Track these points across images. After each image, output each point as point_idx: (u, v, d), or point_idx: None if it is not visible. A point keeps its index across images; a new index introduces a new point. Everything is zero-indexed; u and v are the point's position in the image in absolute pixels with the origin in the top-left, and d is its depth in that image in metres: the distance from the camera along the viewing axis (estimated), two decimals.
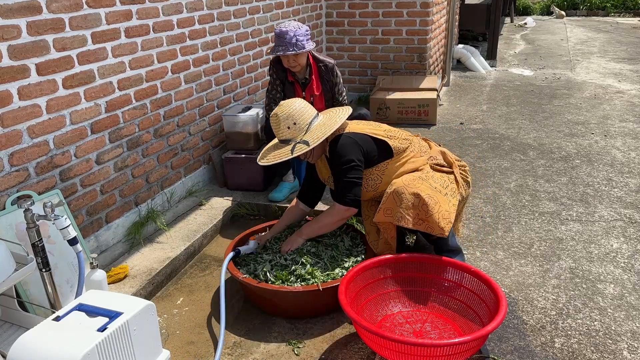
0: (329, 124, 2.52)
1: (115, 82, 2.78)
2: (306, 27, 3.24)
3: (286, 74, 3.41)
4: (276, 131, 2.54)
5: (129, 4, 2.82)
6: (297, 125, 2.49)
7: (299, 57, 3.25)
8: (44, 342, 1.61)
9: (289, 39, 3.16)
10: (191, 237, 3.05)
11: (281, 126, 2.49)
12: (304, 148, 2.45)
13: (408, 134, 2.71)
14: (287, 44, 3.17)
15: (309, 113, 2.54)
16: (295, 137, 2.50)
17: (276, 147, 2.56)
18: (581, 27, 12.55)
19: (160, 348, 1.88)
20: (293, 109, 2.50)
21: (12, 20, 2.19)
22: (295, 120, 2.48)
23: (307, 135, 2.49)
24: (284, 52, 3.18)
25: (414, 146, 2.64)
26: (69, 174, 2.57)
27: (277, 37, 3.20)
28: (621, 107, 5.70)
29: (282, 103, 2.55)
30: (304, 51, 3.20)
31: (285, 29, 3.17)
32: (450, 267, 2.39)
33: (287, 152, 2.47)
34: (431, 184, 2.44)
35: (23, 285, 2.20)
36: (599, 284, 2.61)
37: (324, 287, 2.33)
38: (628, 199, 3.52)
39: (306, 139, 2.47)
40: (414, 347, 1.91)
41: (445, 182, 2.52)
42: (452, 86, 6.82)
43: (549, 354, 2.16)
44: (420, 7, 5.33)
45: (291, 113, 2.49)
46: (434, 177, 2.51)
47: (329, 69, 3.42)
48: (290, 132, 2.50)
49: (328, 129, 2.48)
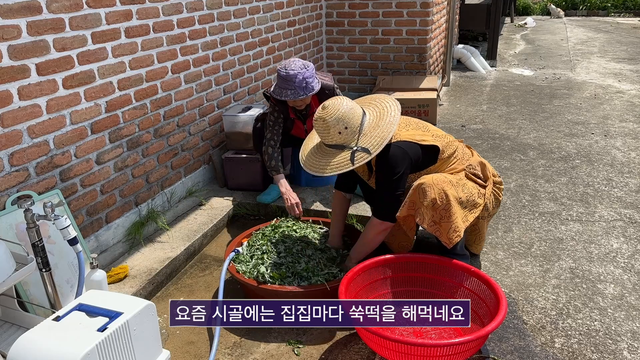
0: (383, 125, 2.31)
1: (116, 82, 2.78)
2: (312, 66, 3.06)
3: (288, 111, 3.27)
4: (323, 136, 2.34)
5: (129, 4, 2.82)
6: (349, 129, 2.28)
7: (307, 98, 3.09)
8: (44, 342, 1.61)
9: (298, 82, 2.95)
10: (191, 237, 3.05)
11: (331, 132, 2.29)
12: (365, 157, 2.26)
13: (452, 138, 2.58)
14: (297, 88, 2.96)
15: (357, 112, 2.33)
16: (348, 142, 2.30)
17: (323, 153, 2.36)
18: (581, 27, 12.55)
19: (160, 348, 1.88)
20: (342, 112, 2.28)
21: (12, 20, 2.19)
22: (346, 124, 2.28)
23: (362, 139, 2.29)
24: (294, 98, 2.98)
25: (458, 152, 2.53)
26: (69, 174, 2.57)
27: (284, 80, 2.99)
28: (621, 107, 5.70)
29: (326, 105, 2.32)
30: (314, 93, 3.04)
31: (293, 72, 2.95)
32: (450, 268, 2.39)
33: (346, 162, 2.27)
34: (457, 193, 2.34)
35: (23, 285, 2.19)
36: (599, 284, 2.61)
37: (331, 285, 2.34)
38: (628, 199, 3.52)
39: (365, 146, 2.27)
40: (414, 347, 1.92)
41: (473, 194, 2.40)
42: (452, 86, 6.82)
43: (549, 354, 2.16)
44: (420, 7, 5.33)
45: (341, 117, 2.27)
46: (465, 185, 2.41)
47: (328, 94, 3.17)
48: (342, 137, 2.30)
49: (385, 131, 2.28)
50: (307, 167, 2.38)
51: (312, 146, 2.46)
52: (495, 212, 2.61)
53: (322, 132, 2.33)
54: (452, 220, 2.30)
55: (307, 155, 2.44)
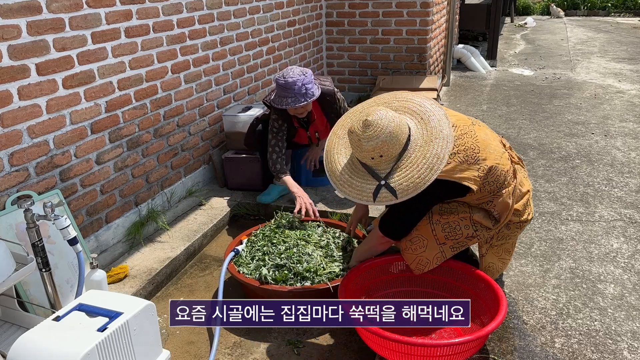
0: (425, 166, 1.95)
1: (115, 82, 2.78)
2: (310, 72, 3.01)
3: (291, 120, 3.25)
4: (355, 152, 2.02)
5: (129, 4, 2.81)
6: (384, 157, 1.96)
7: (308, 104, 3.06)
8: (44, 342, 1.61)
9: (297, 89, 2.92)
10: (191, 237, 3.05)
11: (364, 153, 1.97)
12: (389, 198, 1.95)
13: (507, 166, 2.19)
14: (297, 95, 2.93)
15: (401, 139, 1.95)
16: (379, 169, 1.99)
17: (354, 170, 2.05)
18: (581, 27, 12.54)
19: (160, 348, 1.88)
20: (382, 139, 1.92)
21: (12, 20, 2.19)
22: (382, 152, 1.94)
23: (395, 174, 1.96)
24: (294, 105, 2.94)
25: (504, 192, 2.18)
26: (69, 174, 2.57)
27: (283, 88, 2.95)
28: (621, 107, 5.70)
29: (369, 122, 1.92)
30: (314, 99, 3.01)
31: (292, 79, 2.92)
32: (450, 268, 2.39)
33: (369, 196, 1.98)
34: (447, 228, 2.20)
35: (23, 285, 2.19)
36: (599, 284, 2.61)
37: (333, 285, 2.34)
38: (628, 199, 3.52)
39: (393, 185, 1.94)
40: (414, 347, 1.92)
41: (459, 237, 2.23)
42: (452, 86, 6.82)
43: (549, 354, 2.16)
44: (420, 7, 5.33)
45: (379, 144, 1.92)
46: (454, 228, 2.22)
47: (330, 101, 3.17)
48: (374, 163, 1.98)
49: (422, 178, 1.93)
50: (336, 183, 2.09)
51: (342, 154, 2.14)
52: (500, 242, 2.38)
53: (355, 148, 2.00)
54: (418, 253, 2.26)
55: (335, 163, 2.13)
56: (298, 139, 3.45)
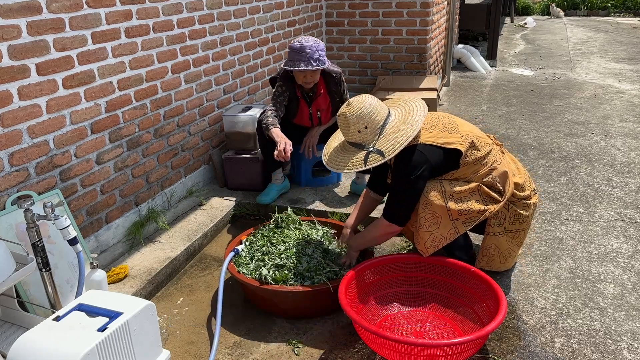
0: (405, 129, 2.27)
1: (115, 82, 2.79)
2: (323, 43, 3.16)
3: (295, 89, 3.31)
4: (345, 133, 2.36)
5: (129, 4, 2.82)
6: (369, 129, 2.28)
7: (317, 72, 3.16)
8: (44, 342, 1.61)
9: (311, 53, 3.03)
10: (191, 237, 3.05)
11: (351, 129, 2.30)
12: (378, 159, 2.24)
13: (488, 140, 2.46)
14: (310, 59, 3.04)
15: (381, 114, 2.31)
16: (366, 142, 2.30)
17: (345, 150, 2.37)
18: (581, 27, 12.54)
19: (160, 348, 1.88)
20: (364, 111, 2.27)
21: (12, 20, 2.19)
22: (366, 123, 2.27)
23: (380, 141, 2.28)
24: (306, 67, 3.05)
25: (489, 158, 2.39)
26: (69, 174, 2.57)
27: (297, 52, 3.07)
28: (621, 107, 5.70)
29: (350, 102, 2.32)
30: (325, 67, 3.12)
31: (307, 43, 3.06)
32: (450, 267, 2.39)
33: (360, 162, 2.27)
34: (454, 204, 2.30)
35: (23, 285, 2.20)
36: (599, 284, 2.61)
37: (333, 284, 2.34)
38: (628, 199, 3.52)
39: (380, 148, 2.25)
40: (414, 347, 1.92)
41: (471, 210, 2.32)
42: (452, 86, 6.82)
43: (549, 354, 2.16)
44: (420, 7, 5.33)
45: (362, 115, 2.27)
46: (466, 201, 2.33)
47: (336, 80, 3.32)
48: (361, 136, 2.30)
49: (404, 136, 2.24)
50: (329, 163, 2.39)
51: (336, 144, 2.47)
52: (515, 227, 2.50)
53: (344, 128, 2.34)
54: (432, 230, 2.33)
55: (330, 152, 2.45)
56: (299, 120, 3.45)
